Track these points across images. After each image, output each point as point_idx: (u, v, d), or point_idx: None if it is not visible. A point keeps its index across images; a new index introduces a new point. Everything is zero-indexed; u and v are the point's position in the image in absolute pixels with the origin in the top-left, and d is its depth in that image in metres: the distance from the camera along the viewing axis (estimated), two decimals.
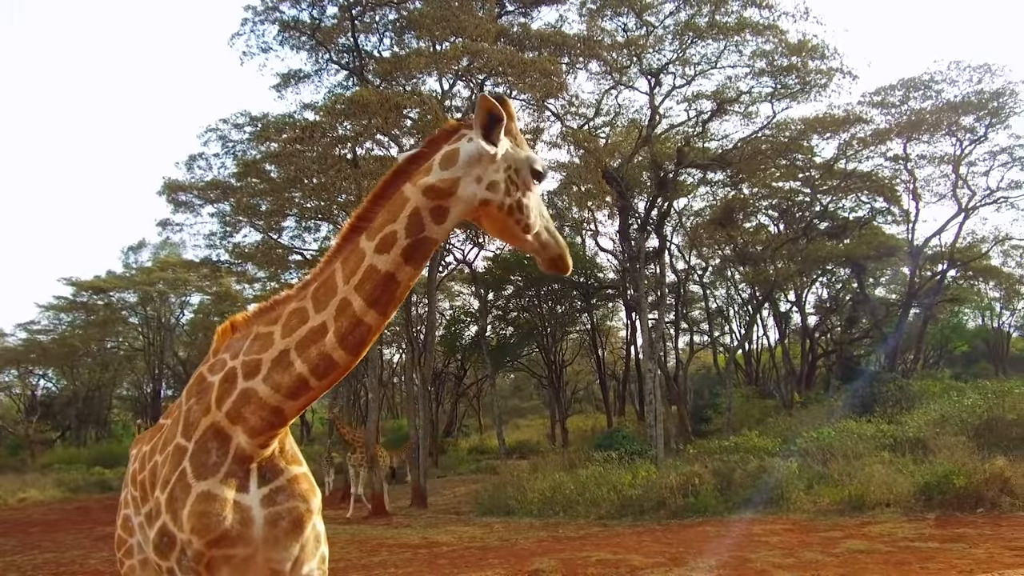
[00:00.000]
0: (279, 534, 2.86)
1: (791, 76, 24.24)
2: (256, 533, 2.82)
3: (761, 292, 33.05)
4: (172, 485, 2.86)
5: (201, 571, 2.81)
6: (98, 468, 32.63)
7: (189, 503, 2.78)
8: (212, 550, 2.77)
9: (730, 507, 14.55)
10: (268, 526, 2.84)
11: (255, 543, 2.82)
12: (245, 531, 2.80)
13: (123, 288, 43.33)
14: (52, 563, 13.21)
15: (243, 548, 2.81)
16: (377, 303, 2.68)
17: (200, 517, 2.75)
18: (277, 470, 2.90)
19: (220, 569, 2.82)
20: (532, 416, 49.52)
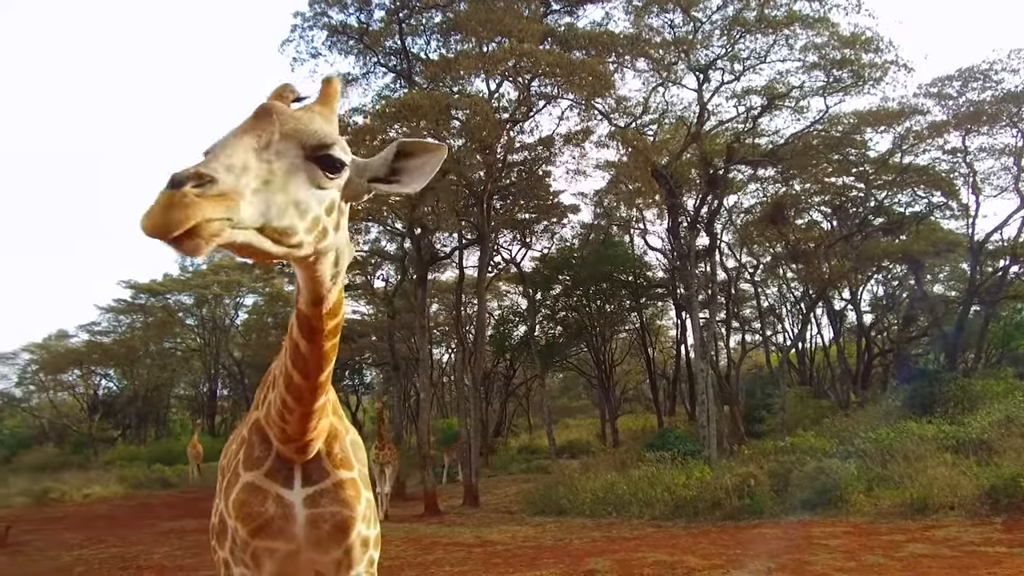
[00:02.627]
0: (321, 536, 2.90)
1: (844, 70, 23.69)
2: (298, 531, 2.87)
3: (814, 290, 32.40)
4: (229, 473, 3.02)
5: (248, 561, 2.90)
6: (158, 465, 33.44)
7: (235, 491, 2.91)
8: (255, 540, 2.86)
9: (787, 509, 14.34)
10: (310, 526, 2.88)
11: (297, 540, 2.88)
12: (287, 526, 2.86)
13: (179, 290, 44.53)
14: (117, 557, 13.57)
15: (284, 543, 2.87)
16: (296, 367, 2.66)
17: (242, 506, 2.87)
18: (323, 472, 2.93)
19: (264, 562, 2.90)
20: (581, 416, 49.34)
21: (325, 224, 2.18)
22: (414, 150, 2.43)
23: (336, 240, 2.31)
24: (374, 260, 30.63)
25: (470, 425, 21.96)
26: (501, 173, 24.34)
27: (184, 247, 1.73)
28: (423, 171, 2.43)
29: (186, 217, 1.68)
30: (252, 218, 1.89)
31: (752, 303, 38.80)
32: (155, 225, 1.67)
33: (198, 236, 1.72)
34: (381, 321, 34.29)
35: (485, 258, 24.38)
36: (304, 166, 2.09)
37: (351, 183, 2.35)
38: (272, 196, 1.96)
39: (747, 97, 25.75)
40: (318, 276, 2.37)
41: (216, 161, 1.85)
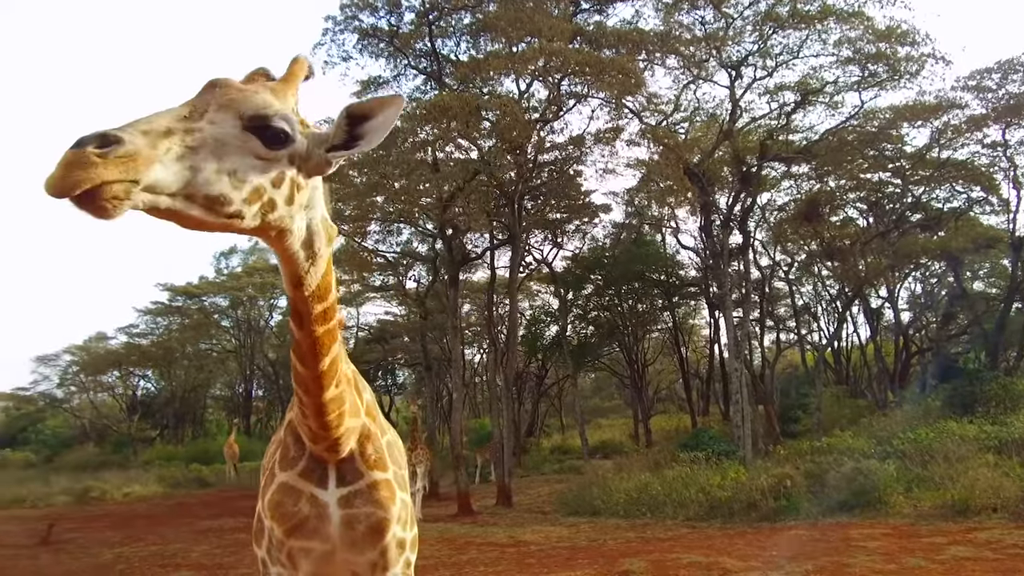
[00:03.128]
0: (356, 537, 2.90)
1: (879, 64, 23.31)
2: (332, 531, 2.88)
3: (850, 288, 31.92)
4: (267, 473, 3.06)
5: (284, 561, 2.93)
6: (195, 465, 33.93)
7: (271, 491, 2.94)
8: (290, 540, 2.88)
9: (824, 510, 14.14)
10: (344, 527, 2.89)
11: (332, 541, 2.89)
12: (321, 526, 2.87)
13: (215, 292, 45.20)
14: (157, 555, 13.76)
15: (320, 543, 2.89)
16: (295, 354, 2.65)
17: (277, 506, 2.90)
18: (357, 473, 2.94)
19: (300, 562, 2.92)
20: (614, 416, 49.11)
21: (272, 196, 2.12)
22: (370, 111, 2.33)
23: (294, 214, 2.25)
24: (406, 261, 30.80)
25: (503, 425, 21.99)
26: (532, 173, 24.33)
27: (88, 209, 1.70)
28: (384, 127, 2.35)
29: (85, 178, 1.65)
30: (171, 183, 1.85)
31: (786, 301, 38.43)
32: (53, 184, 1.65)
33: (100, 198, 1.69)
34: (413, 322, 34.48)
35: (517, 258, 24.38)
36: (241, 136, 2.04)
37: (312, 156, 2.29)
38: (200, 163, 1.92)
39: (780, 93, 25.44)
40: (289, 255, 2.33)
41: (131, 126, 1.81)
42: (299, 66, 2.38)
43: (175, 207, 1.89)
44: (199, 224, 2.00)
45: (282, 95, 2.23)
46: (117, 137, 1.73)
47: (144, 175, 1.77)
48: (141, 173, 1.76)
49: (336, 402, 2.73)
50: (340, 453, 2.89)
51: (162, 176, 1.82)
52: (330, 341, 2.60)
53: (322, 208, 2.46)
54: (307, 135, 2.28)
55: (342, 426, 2.80)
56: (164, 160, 1.82)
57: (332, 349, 2.62)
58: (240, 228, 2.10)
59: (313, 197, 2.37)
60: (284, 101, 2.21)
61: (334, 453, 2.88)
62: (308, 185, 2.31)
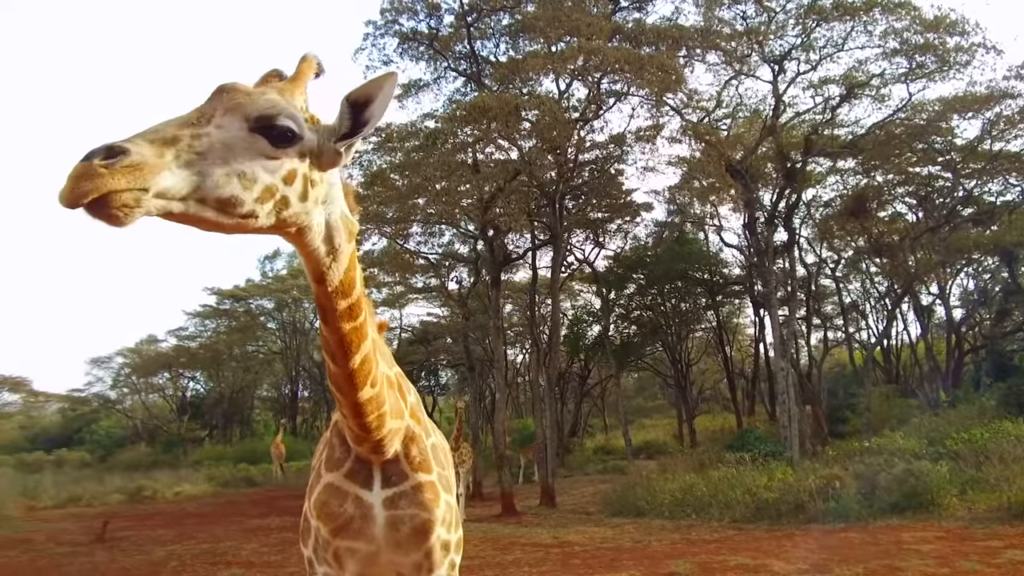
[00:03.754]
0: (400, 538, 2.93)
1: (927, 55, 22.83)
2: (377, 532, 2.91)
3: (900, 285, 31.26)
4: (313, 474, 3.10)
5: (330, 561, 2.97)
6: (243, 464, 34.56)
7: (317, 491, 2.98)
8: (336, 539, 2.92)
9: (874, 512, 13.86)
10: (389, 528, 2.91)
11: (377, 541, 2.91)
12: (366, 527, 2.90)
13: (261, 295, 45.99)
14: (208, 553, 13.98)
15: (365, 544, 2.91)
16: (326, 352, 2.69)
17: (323, 506, 2.94)
18: (402, 475, 2.96)
19: (346, 562, 2.95)
20: (658, 416, 48.78)
21: (285, 193, 2.14)
22: (368, 95, 2.35)
23: (310, 209, 2.27)
24: (447, 262, 30.94)
25: (546, 425, 21.95)
26: (572, 173, 24.27)
27: (100, 217, 1.75)
28: (383, 106, 2.37)
29: (93, 188, 1.71)
30: (180, 188, 1.89)
31: (833, 299, 37.84)
32: (64, 195, 1.71)
33: (110, 206, 1.74)
34: (455, 323, 34.63)
35: (558, 258, 24.34)
36: (248, 138, 2.07)
37: (324, 150, 2.30)
38: (208, 167, 1.95)
39: (825, 87, 25.10)
40: (310, 251, 2.36)
41: (138, 136, 1.87)
42: (307, 64, 2.41)
43: (188, 211, 1.94)
44: (215, 226, 2.04)
45: (289, 94, 2.25)
46: (123, 148, 1.78)
47: (152, 182, 1.82)
48: (149, 181, 1.81)
49: (374, 403, 2.74)
50: (384, 455, 2.92)
51: (171, 182, 1.86)
52: (358, 339, 2.61)
53: (341, 203, 2.48)
54: (318, 130, 2.29)
55: (384, 428, 2.82)
56: (172, 167, 1.87)
57: (362, 347, 2.63)
58: (256, 227, 2.13)
59: (330, 193, 2.39)
60: (291, 100, 2.23)
61: (378, 455, 2.91)
62: (323, 180, 2.33)
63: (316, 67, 2.42)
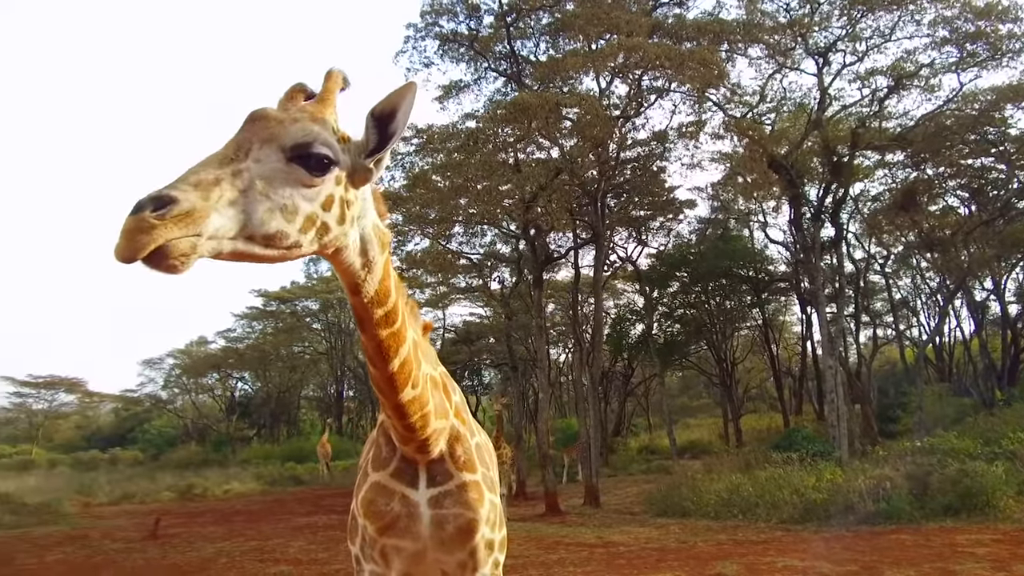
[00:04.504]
0: (445, 537, 2.94)
1: (979, 43, 22.24)
2: (423, 531, 2.93)
3: (952, 280, 30.48)
4: (360, 473, 3.14)
5: (377, 558, 2.99)
6: (290, 463, 35.06)
7: (364, 490, 3.02)
8: (383, 538, 2.95)
9: (927, 514, 13.51)
10: (435, 527, 2.93)
11: (423, 540, 2.93)
12: (412, 526, 2.92)
13: (306, 297, 46.63)
14: (256, 550, 14.19)
15: (411, 542, 2.94)
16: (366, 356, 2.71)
17: (370, 504, 2.97)
18: (447, 474, 2.98)
19: (392, 560, 2.98)
20: (702, 415, 48.30)
21: (324, 220, 2.16)
22: (392, 107, 2.33)
23: (346, 230, 2.29)
24: (490, 262, 30.97)
25: (589, 425, 21.85)
26: (614, 171, 24.15)
27: (159, 268, 1.76)
28: (406, 116, 2.35)
29: (149, 240, 1.71)
30: (230, 229, 1.90)
31: (883, 296, 37.06)
32: (121, 251, 1.71)
33: (168, 257, 1.75)
34: (498, 323, 34.72)
35: (600, 257, 24.21)
36: (286, 168, 2.07)
37: (356, 169, 2.30)
38: (253, 204, 1.95)
39: (872, 79, 24.53)
40: (346, 267, 2.38)
41: (182, 181, 1.85)
42: (333, 81, 2.38)
43: (238, 248, 1.95)
44: (262, 259, 2.06)
45: (320, 116, 2.23)
46: (171, 197, 1.78)
47: (204, 227, 1.82)
48: (200, 226, 1.81)
49: (416, 404, 2.76)
50: (430, 454, 2.94)
51: (220, 223, 1.87)
52: (396, 343, 2.63)
53: (373, 215, 2.49)
54: (349, 149, 2.29)
55: (428, 428, 2.84)
56: (219, 208, 1.87)
57: (400, 352, 2.65)
58: (299, 255, 2.15)
59: (363, 207, 2.40)
60: (323, 123, 2.22)
61: (424, 454, 2.93)
62: (357, 198, 2.34)
63: (342, 81, 2.40)
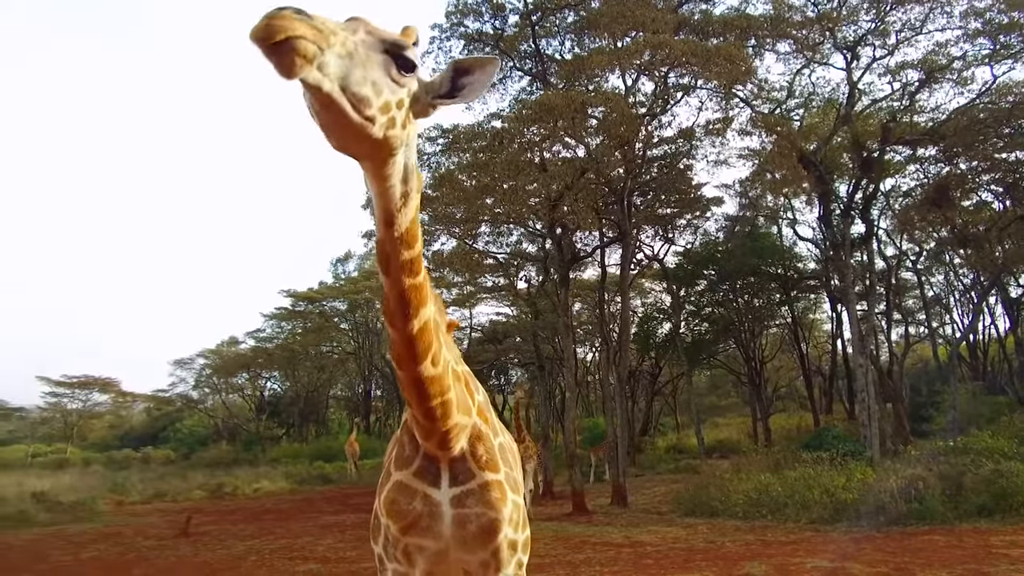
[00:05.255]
0: (467, 537, 2.93)
1: (1012, 34, 21.83)
2: (445, 530, 2.92)
3: (986, 277, 29.98)
4: (384, 472, 3.14)
5: (399, 558, 2.99)
6: (319, 462, 35.30)
7: (387, 489, 3.01)
8: (406, 537, 2.94)
9: (960, 515, 13.28)
10: (456, 526, 2.92)
11: (445, 539, 2.93)
12: (434, 524, 2.92)
13: (334, 297, 46.98)
14: (285, 548, 14.33)
15: (433, 541, 2.93)
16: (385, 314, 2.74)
17: (392, 504, 2.96)
18: (469, 474, 2.96)
19: (415, 560, 2.98)
20: (731, 414, 47.96)
21: (395, 115, 2.31)
22: (471, 66, 2.57)
23: (403, 139, 2.41)
24: (516, 262, 30.94)
25: (616, 424, 21.75)
26: (641, 169, 24.02)
27: (280, 57, 1.91)
28: (482, 84, 2.57)
29: (286, 27, 1.89)
30: (335, 70, 2.08)
31: (915, 293, 36.56)
32: (258, 30, 1.87)
33: (294, 51, 1.92)
34: (525, 322, 34.66)
35: (627, 255, 24.09)
36: (382, 57, 2.27)
37: (419, 99, 2.48)
38: (353, 66, 2.14)
39: (902, 72, 24.18)
40: (388, 186, 2.44)
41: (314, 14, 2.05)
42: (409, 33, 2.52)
43: (332, 93, 2.09)
44: (342, 118, 2.18)
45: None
46: (310, 14, 2.00)
47: (327, 47, 2.03)
48: (325, 44, 2.02)
49: (437, 385, 2.74)
50: (451, 450, 2.93)
51: (331, 61, 2.06)
52: (418, 300, 2.63)
53: (415, 155, 2.60)
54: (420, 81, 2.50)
55: (450, 419, 2.82)
56: (335, 50, 2.08)
57: (421, 313, 2.65)
58: (369, 134, 2.26)
59: (413, 139, 2.54)
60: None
61: (445, 450, 2.92)
62: (414, 123, 2.49)
63: (415, 37, 2.55)
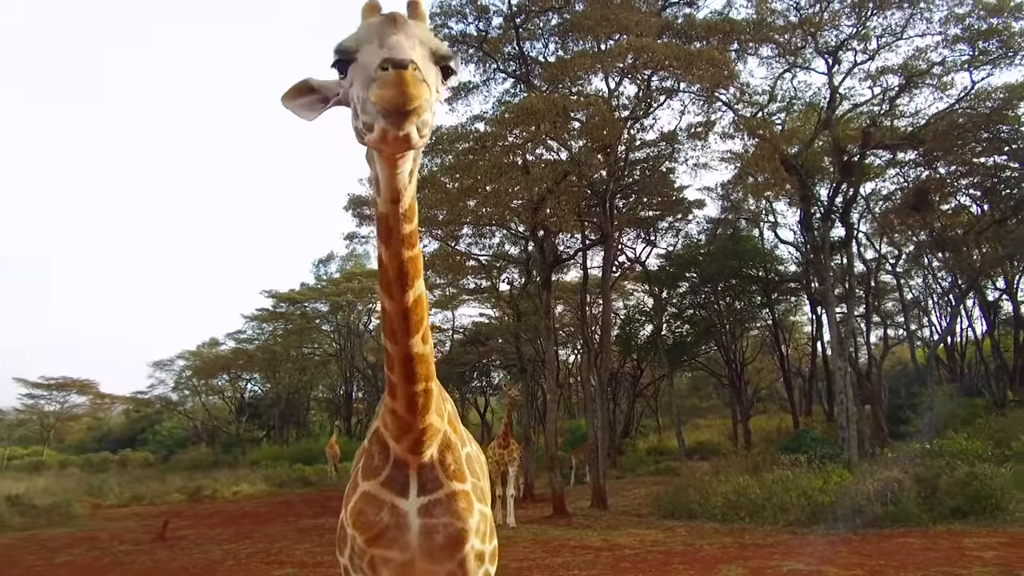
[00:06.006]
0: (434, 547, 2.89)
1: (991, 40, 22.08)
2: (412, 540, 2.88)
3: (964, 280, 30.27)
4: (351, 482, 3.09)
5: (365, 569, 2.95)
6: (299, 465, 35.12)
7: (354, 500, 2.97)
8: (372, 548, 2.89)
9: (935, 517, 13.39)
10: (423, 536, 2.88)
11: (411, 550, 2.89)
12: (401, 536, 2.87)
13: (315, 298, 46.79)
14: (262, 552, 14.25)
15: (399, 553, 2.89)
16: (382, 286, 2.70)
17: (359, 515, 2.91)
18: (437, 483, 2.93)
19: (381, 571, 2.93)
20: (712, 416, 48.16)
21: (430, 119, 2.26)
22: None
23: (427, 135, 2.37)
24: (499, 264, 30.92)
25: (597, 426, 21.77)
26: (623, 172, 24.09)
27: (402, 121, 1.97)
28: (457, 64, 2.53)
29: (419, 93, 1.92)
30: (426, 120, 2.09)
31: (894, 296, 36.84)
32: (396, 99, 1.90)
33: (415, 114, 1.96)
34: (507, 324, 34.66)
35: (609, 258, 24.18)
36: (434, 69, 2.25)
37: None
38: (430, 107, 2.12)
39: (882, 77, 24.45)
40: (400, 170, 2.43)
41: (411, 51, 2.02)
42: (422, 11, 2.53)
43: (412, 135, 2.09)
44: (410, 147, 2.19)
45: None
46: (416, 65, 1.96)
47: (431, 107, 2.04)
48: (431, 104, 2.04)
49: (424, 364, 2.72)
50: (422, 455, 2.89)
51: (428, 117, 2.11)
52: (415, 272, 2.64)
53: None
54: None
55: (428, 414, 2.79)
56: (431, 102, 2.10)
57: (417, 285, 2.66)
58: (414, 147, 2.23)
59: None
60: None
61: (416, 454, 2.87)
62: None
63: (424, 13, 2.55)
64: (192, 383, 51.64)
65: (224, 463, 37.95)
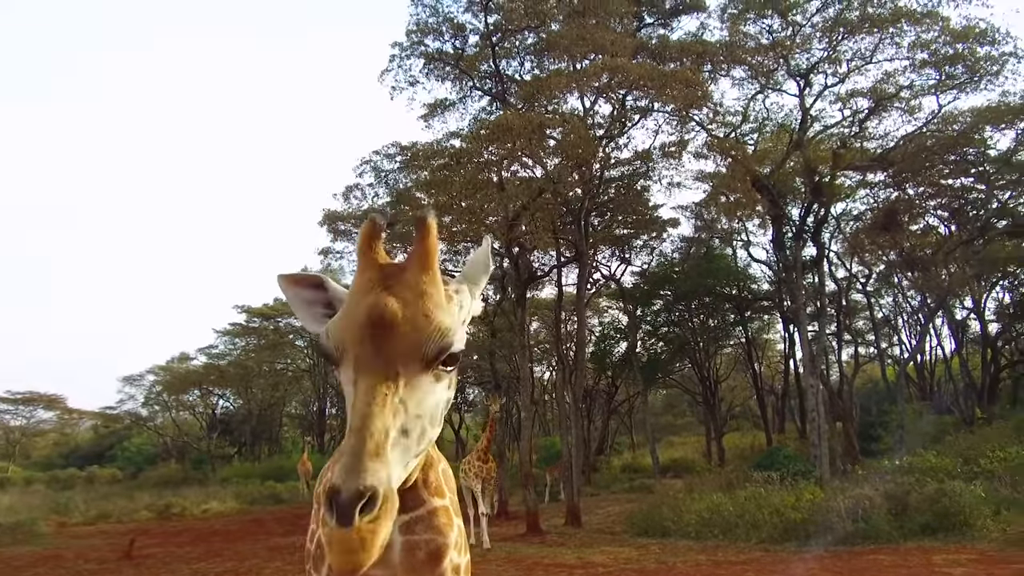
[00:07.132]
0: (415, 563, 2.86)
1: (957, 65, 22.53)
2: (394, 557, 2.85)
3: (933, 299, 30.70)
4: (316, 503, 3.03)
5: None
6: (270, 482, 34.66)
7: None
8: None
9: (905, 534, 13.50)
10: (405, 553, 2.86)
11: (393, 567, 2.86)
12: (384, 553, 2.84)
13: (289, 314, 46.24)
14: (232, 571, 14.05)
15: (381, 570, 2.84)
16: None
17: None
18: (418, 500, 2.89)
19: None
20: (686, 433, 48.30)
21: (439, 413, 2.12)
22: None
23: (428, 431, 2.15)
24: None
25: (572, 443, 21.77)
26: (598, 189, 24.24)
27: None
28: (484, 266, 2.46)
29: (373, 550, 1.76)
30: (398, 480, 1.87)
31: (865, 314, 37.30)
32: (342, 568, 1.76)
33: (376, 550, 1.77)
34: (481, 340, 34.60)
35: (584, 275, 24.29)
36: (427, 380, 2.00)
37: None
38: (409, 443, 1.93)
39: (852, 100, 24.87)
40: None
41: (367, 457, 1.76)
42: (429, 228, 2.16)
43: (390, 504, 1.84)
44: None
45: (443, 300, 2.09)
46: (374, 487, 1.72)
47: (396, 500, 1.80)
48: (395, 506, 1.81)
49: None
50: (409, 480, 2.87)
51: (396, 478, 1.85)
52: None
53: None
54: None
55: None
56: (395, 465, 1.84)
57: None
58: None
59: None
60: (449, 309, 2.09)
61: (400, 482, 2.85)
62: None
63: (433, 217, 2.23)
64: (162, 398, 50.80)
65: (194, 480, 37.38)
